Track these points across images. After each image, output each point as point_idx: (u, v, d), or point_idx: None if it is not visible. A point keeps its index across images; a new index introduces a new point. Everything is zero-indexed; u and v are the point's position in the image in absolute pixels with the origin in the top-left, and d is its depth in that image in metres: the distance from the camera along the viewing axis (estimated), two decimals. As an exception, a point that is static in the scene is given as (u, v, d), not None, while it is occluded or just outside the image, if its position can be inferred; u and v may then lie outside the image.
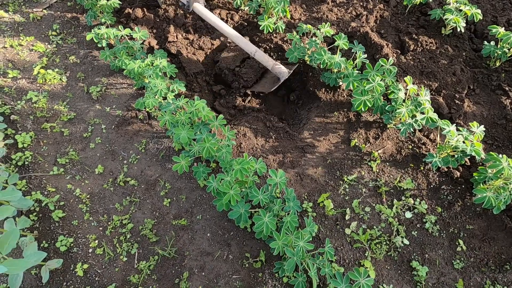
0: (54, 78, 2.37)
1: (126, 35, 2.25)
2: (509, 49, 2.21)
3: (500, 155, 1.61)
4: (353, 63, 2.07)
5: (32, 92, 2.27)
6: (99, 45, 2.38)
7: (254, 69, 2.38)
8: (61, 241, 1.74)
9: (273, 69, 2.23)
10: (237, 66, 2.40)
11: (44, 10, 2.79)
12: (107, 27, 2.35)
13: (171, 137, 2.07)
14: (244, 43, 2.27)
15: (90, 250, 1.74)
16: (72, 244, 1.75)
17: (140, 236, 1.78)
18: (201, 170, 1.77)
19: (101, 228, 1.81)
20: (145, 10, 2.65)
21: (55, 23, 2.69)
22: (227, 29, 2.31)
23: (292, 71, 2.19)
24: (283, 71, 2.18)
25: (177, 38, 2.48)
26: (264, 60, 2.25)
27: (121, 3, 2.54)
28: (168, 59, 2.36)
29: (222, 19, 2.62)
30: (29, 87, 2.33)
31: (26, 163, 2.00)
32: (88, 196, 1.90)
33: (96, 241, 1.76)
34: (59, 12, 2.78)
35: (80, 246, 1.75)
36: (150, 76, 2.00)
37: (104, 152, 2.07)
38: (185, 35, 2.52)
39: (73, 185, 1.94)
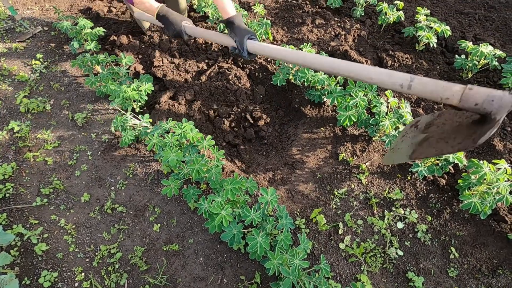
0: (38, 107, 2.33)
1: (112, 61, 2.27)
2: (478, 61, 2.36)
3: (481, 161, 1.68)
4: (336, 79, 2.15)
5: (14, 122, 2.22)
6: (84, 72, 2.39)
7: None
8: (45, 276, 1.64)
9: (466, 101, 0.94)
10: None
11: (27, 41, 2.79)
12: (92, 54, 2.37)
13: (159, 160, 2.05)
14: (385, 74, 1.13)
15: (76, 284, 1.64)
16: (56, 279, 1.65)
17: (130, 265, 1.70)
18: (191, 192, 1.75)
19: (87, 260, 1.73)
20: (130, 36, 2.70)
21: (38, 53, 2.69)
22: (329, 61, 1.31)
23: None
24: (504, 99, 0.88)
25: (162, 62, 2.52)
26: (437, 90, 1.01)
27: (106, 31, 2.58)
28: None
29: (206, 43, 2.69)
30: (11, 116, 2.29)
31: (7, 195, 1.92)
32: (73, 227, 1.83)
33: (83, 274, 1.67)
34: (43, 42, 2.79)
35: (65, 280, 1.66)
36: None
37: (90, 179, 2.01)
38: (171, 59, 2.56)
39: (58, 215, 1.87)
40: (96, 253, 1.74)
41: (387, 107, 1.99)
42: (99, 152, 2.13)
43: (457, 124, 1.01)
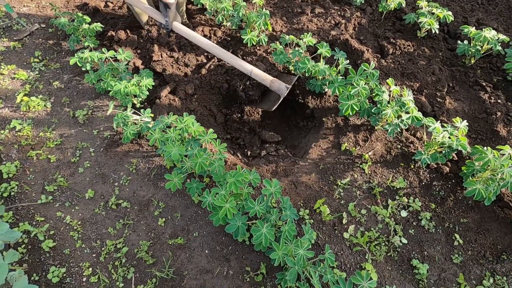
0: (38, 105, 2.33)
1: (110, 57, 2.25)
2: (481, 47, 2.32)
3: (485, 148, 1.67)
4: (337, 69, 2.12)
5: (16, 121, 2.22)
6: (83, 69, 2.37)
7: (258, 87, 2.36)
8: (53, 272, 1.66)
9: (271, 87, 2.14)
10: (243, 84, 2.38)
11: (25, 38, 2.77)
12: (90, 50, 2.35)
13: (162, 155, 2.05)
14: (238, 64, 2.18)
15: (84, 279, 1.67)
16: (64, 275, 1.68)
17: (136, 259, 1.72)
18: (194, 186, 1.75)
19: (94, 255, 1.75)
20: (128, 31, 2.67)
21: (37, 50, 2.67)
22: (216, 49, 2.21)
23: (291, 85, 2.10)
24: (282, 88, 2.09)
25: (161, 57, 2.50)
26: (262, 78, 2.16)
27: (103, 26, 2.55)
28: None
29: (205, 36, 2.66)
30: (12, 115, 2.29)
31: (12, 193, 1.93)
32: (79, 223, 1.85)
33: (90, 269, 1.69)
34: (40, 39, 2.77)
35: (73, 275, 1.68)
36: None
37: (94, 176, 2.02)
38: (170, 54, 2.54)
39: (63, 212, 1.88)
40: (103, 248, 1.76)
41: (389, 95, 1.97)
42: (102, 149, 2.13)
43: (272, 95, 2.27)
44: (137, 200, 1.92)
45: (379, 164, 1.98)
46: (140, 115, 2.02)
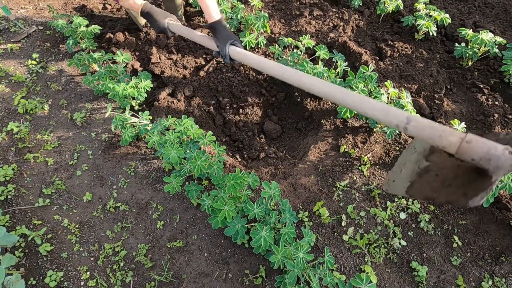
0: (36, 107, 2.32)
1: (109, 59, 2.24)
2: (478, 49, 2.34)
3: (483, 150, 1.67)
4: (335, 71, 2.13)
5: (13, 123, 2.20)
6: (81, 71, 2.37)
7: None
8: (50, 276, 1.65)
9: (463, 154, 0.83)
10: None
11: (22, 40, 2.76)
12: (88, 52, 2.34)
13: (160, 157, 2.04)
14: (374, 107, 1.02)
15: (82, 283, 1.65)
16: (62, 279, 1.66)
17: (135, 262, 1.71)
18: (193, 189, 1.75)
19: (92, 259, 1.73)
20: (126, 34, 2.67)
21: (34, 53, 2.66)
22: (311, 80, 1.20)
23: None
24: (501, 160, 0.77)
25: (160, 59, 2.50)
26: (434, 137, 0.90)
27: (101, 28, 2.55)
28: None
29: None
30: (9, 118, 2.27)
31: (9, 196, 1.92)
32: (77, 226, 1.83)
33: (88, 273, 1.68)
34: (38, 42, 2.76)
35: (71, 279, 1.66)
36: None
37: (92, 178, 2.01)
38: (168, 56, 2.54)
39: (61, 215, 1.87)
40: (101, 252, 1.75)
41: (388, 97, 1.98)
42: (100, 151, 2.12)
43: (460, 167, 0.86)
44: (136, 203, 1.91)
45: (378, 166, 1.98)
46: (138, 117, 2.01)
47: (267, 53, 2.54)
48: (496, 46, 2.30)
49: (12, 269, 1.66)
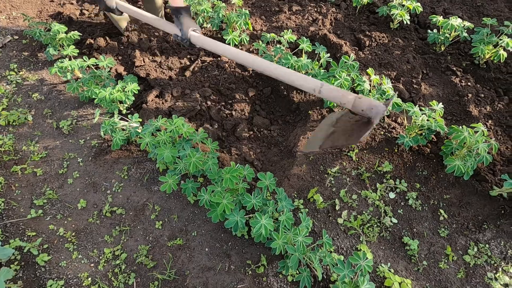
0: (19, 118, 2.26)
1: (92, 64, 2.22)
2: (449, 34, 2.48)
3: (460, 127, 1.79)
4: (318, 63, 2.20)
5: (-4, 136, 2.14)
6: (64, 79, 2.33)
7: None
8: (51, 285, 1.63)
9: (355, 107, 1.32)
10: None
11: (-3, 51, 2.67)
12: (69, 59, 2.30)
13: (153, 158, 2.05)
14: (294, 79, 1.48)
15: (84, 290, 1.64)
16: (63, 287, 1.64)
17: (136, 264, 1.71)
18: (190, 186, 1.77)
19: (92, 265, 1.72)
20: (107, 38, 2.64)
21: (11, 63, 2.58)
22: (259, 61, 1.60)
23: (390, 104, 1.42)
24: (379, 109, 1.26)
25: (144, 61, 2.49)
26: (338, 96, 1.37)
27: (81, 34, 2.51)
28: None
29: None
30: (-9, 131, 2.21)
31: (-1, 210, 1.87)
32: (73, 234, 1.81)
33: (89, 279, 1.67)
34: (14, 51, 2.68)
35: (72, 287, 1.65)
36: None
37: (85, 185, 1.99)
38: (152, 58, 2.54)
39: (55, 225, 1.84)
40: (100, 257, 1.74)
41: (370, 85, 2.07)
42: (90, 158, 2.10)
43: (354, 123, 1.37)
44: (132, 206, 1.91)
45: (365, 151, 2.07)
46: (127, 121, 2.01)
47: (250, 49, 2.59)
48: (465, 31, 2.45)
49: (9, 283, 1.63)
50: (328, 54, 2.24)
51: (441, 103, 1.98)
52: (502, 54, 2.28)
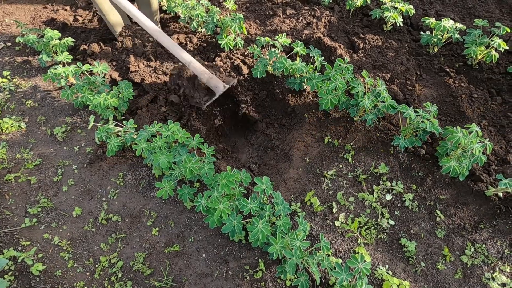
0: (12, 126, 2.24)
1: (86, 70, 2.21)
2: (442, 36, 2.50)
3: (455, 128, 1.80)
4: (313, 66, 2.21)
5: (-11, 144, 2.12)
6: (58, 85, 2.31)
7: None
8: (46, 296, 1.60)
9: (208, 82, 2.06)
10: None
11: (-10, 58, 2.65)
12: (63, 66, 2.29)
13: (149, 164, 2.03)
14: (177, 53, 2.07)
15: (80, 299, 1.62)
16: (58, 297, 1.62)
17: (133, 271, 1.70)
18: (186, 192, 1.76)
19: (88, 273, 1.70)
20: (101, 44, 2.63)
21: (4, 70, 2.56)
22: (158, 33, 2.13)
23: (229, 85, 2.07)
24: (219, 86, 2.02)
25: (139, 67, 2.48)
26: (200, 71, 2.05)
27: (75, 40, 2.50)
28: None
29: (180, 43, 2.67)
30: (-16, 139, 2.18)
31: (-7, 220, 1.84)
32: (68, 242, 1.79)
33: (85, 288, 1.65)
34: (7, 58, 2.66)
35: (68, 297, 1.63)
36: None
37: (80, 193, 1.97)
38: (147, 63, 2.53)
39: (50, 233, 1.82)
40: (96, 265, 1.72)
41: (365, 87, 2.08)
42: (85, 165, 2.08)
43: (201, 85, 2.15)
44: (128, 213, 1.89)
45: (361, 153, 2.08)
46: (122, 126, 1.99)
47: (245, 53, 2.59)
48: (457, 32, 2.48)
49: (3, 294, 1.60)
50: (323, 57, 2.24)
51: (435, 105, 1.99)
52: (494, 55, 2.31)
